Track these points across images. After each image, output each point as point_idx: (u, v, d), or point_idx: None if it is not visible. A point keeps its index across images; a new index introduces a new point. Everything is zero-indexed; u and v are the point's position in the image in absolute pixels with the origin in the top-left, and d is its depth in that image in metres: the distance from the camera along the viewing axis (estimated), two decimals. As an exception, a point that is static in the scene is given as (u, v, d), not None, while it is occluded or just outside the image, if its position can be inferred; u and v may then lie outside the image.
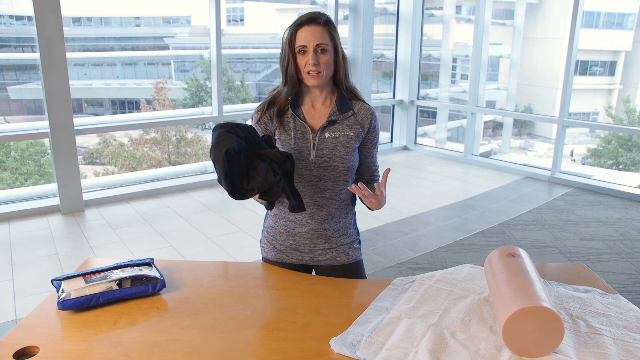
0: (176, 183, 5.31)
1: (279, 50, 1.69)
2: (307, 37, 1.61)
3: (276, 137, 1.74)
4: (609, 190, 5.49)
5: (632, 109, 15.28)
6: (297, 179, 1.70)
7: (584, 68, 16.92)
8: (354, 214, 1.88)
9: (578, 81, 16.20)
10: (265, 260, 1.89)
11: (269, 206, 1.74)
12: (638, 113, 15.06)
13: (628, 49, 16.59)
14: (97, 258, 1.83)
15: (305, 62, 1.62)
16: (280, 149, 1.69)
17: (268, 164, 1.48)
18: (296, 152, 1.70)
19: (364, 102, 1.77)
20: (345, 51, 1.79)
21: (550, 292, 1.59)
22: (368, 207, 1.71)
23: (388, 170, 1.66)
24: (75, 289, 1.46)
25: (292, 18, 1.68)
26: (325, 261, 1.82)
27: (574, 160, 15.34)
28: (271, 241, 1.85)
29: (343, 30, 6.47)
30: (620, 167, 13.82)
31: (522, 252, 1.57)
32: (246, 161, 1.45)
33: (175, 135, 11.87)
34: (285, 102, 1.71)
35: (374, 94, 7.34)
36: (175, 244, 3.93)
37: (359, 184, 1.57)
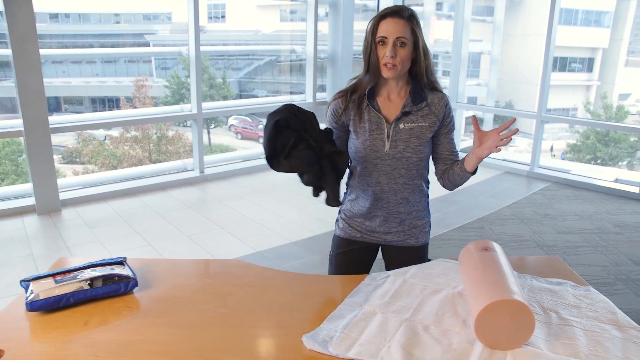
0: (156, 181, 5.26)
1: (260, 47, 1.71)
2: (389, 29, 1.63)
3: (350, 127, 1.79)
4: (586, 185, 5.56)
5: (610, 105, 15.51)
6: (372, 168, 1.78)
7: (563, 64, 17.11)
8: (428, 197, 1.93)
9: (558, 77, 16.38)
10: (336, 237, 1.97)
11: (314, 192, 1.72)
12: (615, 109, 15.28)
13: (605, 46, 16.83)
14: (70, 258, 1.80)
15: (384, 54, 1.65)
16: (354, 140, 1.78)
17: (313, 152, 1.56)
18: (371, 143, 1.75)
19: (439, 91, 1.79)
20: (325, 48, 1.81)
21: (523, 285, 1.60)
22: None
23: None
24: (44, 289, 1.43)
25: (274, 15, 1.69)
26: (396, 242, 1.90)
27: (554, 155, 15.52)
28: (347, 221, 1.92)
29: (323, 27, 6.46)
30: (599, 161, 14.03)
31: (496, 246, 1.58)
32: (294, 139, 1.53)
33: (156, 134, 11.76)
34: (364, 92, 1.75)
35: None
36: (153, 243, 3.89)
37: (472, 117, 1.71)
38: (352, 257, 1.94)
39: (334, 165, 1.62)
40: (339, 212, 1.98)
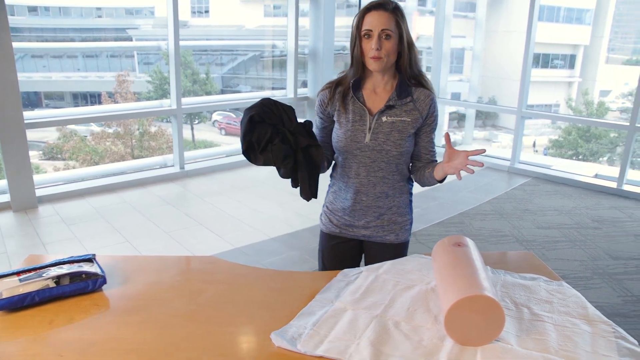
0: (135, 177, 5.20)
1: (244, 42, 1.71)
2: (374, 22, 1.64)
3: (335, 118, 1.80)
4: (566, 180, 5.62)
5: (591, 101, 15.68)
6: (352, 159, 1.79)
7: (545, 61, 17.27)
8: (410, 195, 1.93)
9: (540, 74, 16.52)
10: (321, 232, 1.99)
11: (293, 183, 1.72)
12: (596, 105, 15.46)
13: (586, 43, 17.01)
14: (40, 255, 1.77)
15: (369, 47, 1.66)
16: (337, 130, 1.80)
17: (289, 146, 1.57)
18: (352, 133, 1.75)
19: (426, 88, 1.79)
20: (306, 43, 1.81)
21: (496, 281, 1.60)
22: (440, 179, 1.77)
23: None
24: (8, 288, 1.39)
25: (257, 10, 1.69)
26: (375, 238, 1.90)
27: (536, 151, 15.67)
28: (329, 215, 1.94)
29: (304, 22, 6.43)
30: (580, 157, 14.18)
31: (469, 241, 1.58)
32: (270, 133, 1.55)
33: (138, 129, 11.64)
34: (349, 84, 1.76)
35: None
36: (131, 239, 3.84)
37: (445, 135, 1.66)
38: (336, 253, 1.95)
39: (309, 158, 1.63)
40: (323, 205, 1.99)
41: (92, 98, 12.99)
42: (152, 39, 13.18)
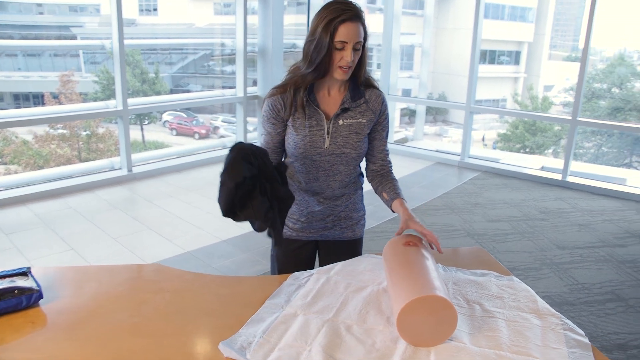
0: (81, 182, 5.00)
1: (194, 41, 1.61)
2: (350, 34, 1.58)
3: (289, 123, 1.73)
4: (514, 173, 5.76)
5: (535, 96, 16.23)
6: (310, 164, 1.75)
7: (492, 57, 17.74)
8: (362, 190, 1.93)
9: (487, 69, 16.95)
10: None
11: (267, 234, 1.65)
12: (540, 100, 16.00)
13: (530, 40, 17.59)
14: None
15: (341, 57, 1.60)
16: (294, 136, 1.72)
17: (267, 198, 1.47)
18: (311, 139, 1.71)
19: (376, 88, 1.77)
20: (255, 41, 1.74)
21: (448, 278, 1.60)
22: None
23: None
24: None
25: (207, 8, 1.59)
26: (333, 236, 1.89)
27: (486, 145, 16.09)
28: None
29: (253, 20, 6.34)
30: (527, 150, 14.64)
31: (419, 240, 1.58)
32: (249, 190, 1.45)
33: (85, 131, 11.25)
34: (306, 87, 1.69)
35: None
36: (77, 247, 3.68)
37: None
38: (293, 257, 1.91)
39: (282, 207, 1.56)
40: None
41: (36, 99, 12.47)
42: (97, 37, 12.76)
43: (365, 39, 1.64)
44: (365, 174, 1.90)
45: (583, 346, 1.28)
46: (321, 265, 1.89)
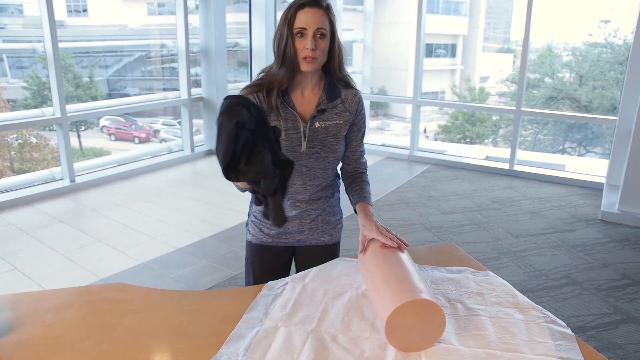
0: (19, 195, 4.70)
1: (128, 42, 1.49)
2: (308, 20, 1.52)
3: None
4: (462, 164, 5.88)
5: (473, 87, 16.70)
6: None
7: (429, 50, 18.11)
8: (339, 192, 1.86)
9: (425, 62, 17.31)
10: (249, 244, 1.84)
11: (256, 201, 1.43)
12: (478, 91, 16.48)
13: (465, 33, 18.08)
14: None
15: (303, 46, 1.53)
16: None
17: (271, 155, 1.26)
18: (287, 142, 1.64)
19: (353, 87, 1.70)
20: (197, 41, 1.62)
21: (425, 278, 1.57)
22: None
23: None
24: None
25: (140, 9, 1.47)
26: (310, 241, 1.82)
27: (427, 137, 16.41)
28: (258, 225, 1.80)
29: (194, 20, 6.17)
30: (467, 140, 15.05)
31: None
32: (251, 142, 1.22)
33: (17, 140, 10.66)
34: (281, 87, 1.59)
35: (232, 84, 7.14)
36: (21, 267, 3.45)
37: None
38: (267, 264, 1.83)
39: (284, 175, 1.35)
40: (249, 214, 1.86)
41: (-42, 108, 11.72)
42: (23, 40, 12.10)
43: (333, 30, 1.58)
44: (340, 174, 1.85)
45: (567, 337, 1.29)
46: (298, 271, 1.83)
